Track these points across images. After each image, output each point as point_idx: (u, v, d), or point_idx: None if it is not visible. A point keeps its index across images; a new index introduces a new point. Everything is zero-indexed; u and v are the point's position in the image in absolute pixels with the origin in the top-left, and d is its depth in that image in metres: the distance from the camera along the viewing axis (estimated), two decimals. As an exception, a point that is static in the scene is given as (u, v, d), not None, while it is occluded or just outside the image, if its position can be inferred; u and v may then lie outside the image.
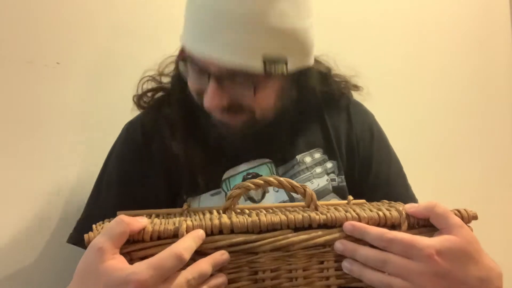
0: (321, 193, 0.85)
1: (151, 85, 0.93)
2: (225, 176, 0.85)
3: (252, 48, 0.72)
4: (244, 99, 0.77)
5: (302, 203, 0.66)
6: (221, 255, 0.54)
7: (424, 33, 1.38)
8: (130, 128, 0.93)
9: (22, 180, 0.97)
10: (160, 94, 0.92)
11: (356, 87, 0.95)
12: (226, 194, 0.84)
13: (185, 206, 0.71)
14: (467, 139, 1.42)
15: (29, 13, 0.99)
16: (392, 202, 0.72)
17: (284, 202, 0.84)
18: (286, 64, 0.75)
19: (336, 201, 0.80)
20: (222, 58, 0.72)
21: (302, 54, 0.79)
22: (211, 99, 0.75)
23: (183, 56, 0.80)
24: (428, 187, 0.92)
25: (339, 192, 0.86)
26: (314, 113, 0.92)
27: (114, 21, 1.08)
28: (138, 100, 0.92)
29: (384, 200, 0.74)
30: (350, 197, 0.75)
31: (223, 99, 0.75)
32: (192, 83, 0.80)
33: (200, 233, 0.53)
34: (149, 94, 0.92)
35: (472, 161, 1.42)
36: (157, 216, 0.66)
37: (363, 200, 0.75)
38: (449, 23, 1.40)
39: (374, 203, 0.73)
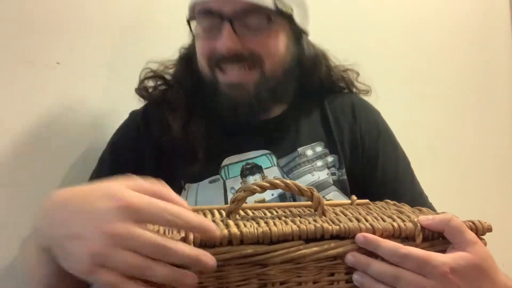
0: (321, 186, 0.84)
1: (151, 76, 0.96)
2: (224, 163, 0.85)
3: None
4: (256, 43, 0.82)
5: (307, 203, 0.65)
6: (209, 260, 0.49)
7: (423, 32, 1.38)
8: (133, 112, 0.96)
9: (23, 180, 0.96)
10: (163, 86, 0.95)
11: (357, 74, 0.99)
12: (224, 181, 0.84)
13: None
14: (466, 138, 1.43)
15: (29, 13, 0.98)
16: (397, 203, 0.71)
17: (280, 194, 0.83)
18: (293, 12, 0.83)
19: (340, 201, 0.79)
20: None
21: (303, 12, 0.88)
22: (226, 40, 0.80)
23: (198, 11, 0.84)
24: (427, 186, 0.91)
25: (340, 185, 0.85)
26: (317, 106, 0.93)
27: (114, 21, 1.07)
28: (140, 90, 0.95)
29: (388, 200, 0.73)
30: (354, 197, 0.74)
31: (237, 42, 0.80)
32: (204, 40, 0.85)
33: (211, 264, 0.49)
34: (152, 85, 0.95)
35: (471, 161, 1.42)
36: None
37: (367, 200, 0.74)
38: (449, 22, 1.41)
39: (379, 204, 0.72)
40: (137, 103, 0.96)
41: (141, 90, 0.95)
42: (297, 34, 0.89)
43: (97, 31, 1.05)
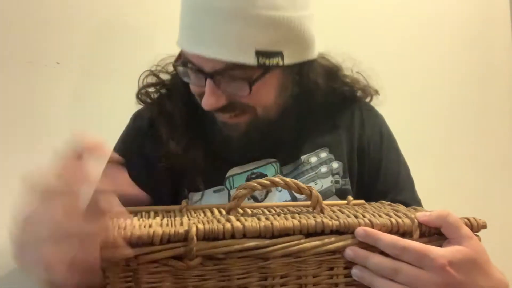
0: (323, 195, 0.82)
1: (152, 80, 0.91)
2: (229, 173, 0.84)
3: (243, 41, 0.70)
4: (242, 97, 0.75)
5: (305, 203, 0.66)
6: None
7: (423, 32, 1.38)
8: (137, 117, 0.92)
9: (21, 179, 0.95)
10: (163, 90, 0.90)
11: (376, 92, 0.94)
12: (229, 191, 0.84)
13: (183, 203, 0.70)
14: (466, 138, 1.43)
15: (29, 13, 0.99)
16: (392, 203, 0.72)
17: (286, 201, 0.83)
18: (282, 56, 0.72)
19: (336, 201, 0.79)
20: (212, 53, 0.70)
21: (301, 46, 0.76)
22: (207, 98, 0.73)
23: (182, 61, 0.77)
24: (427, 186, 0.93)
25: (342, 195, 0.85)
26: (323, 112, 0.90)
27: (113, 21, 1.08)
28: (138, 94, 0.90)
29: (383, 201, 0.75)
30: (350, 198, 0.75)
31: (219, 99, 0.74)
32: (193, 86, 0.79)
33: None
34: (152, 89, 0.90)
35: (471, 160, 1.42)
36: (156, 214, 0.64)
37: (362, 201, 0.75)
38: (449, 22, 1.41)
39: (374, 204, 0.73)
40: (136, 104, 0.96)
41: (139, 94, 0.91)
42: (296, 69, 0.79)
43: (96, 31, 1.05)
